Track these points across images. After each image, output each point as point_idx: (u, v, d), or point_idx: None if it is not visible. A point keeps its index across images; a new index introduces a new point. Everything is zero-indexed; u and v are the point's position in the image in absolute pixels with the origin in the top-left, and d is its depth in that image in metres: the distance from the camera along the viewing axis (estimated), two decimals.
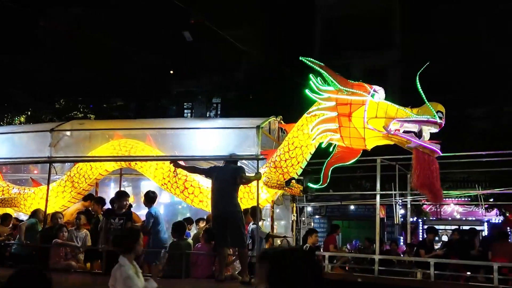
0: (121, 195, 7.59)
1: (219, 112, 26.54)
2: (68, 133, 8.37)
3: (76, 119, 18.94)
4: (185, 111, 27.23)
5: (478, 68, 18.11)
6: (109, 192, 10.41)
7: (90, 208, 8.96)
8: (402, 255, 13.70)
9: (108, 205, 8.93)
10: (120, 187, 10.03)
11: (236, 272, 7.03)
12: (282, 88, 21.34)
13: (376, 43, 23.78)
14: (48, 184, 8.08)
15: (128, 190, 10.05)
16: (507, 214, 17.42)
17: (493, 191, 14.55)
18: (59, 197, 8.81)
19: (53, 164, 8.19)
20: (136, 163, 8.42)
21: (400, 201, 17.11)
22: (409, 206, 14.83)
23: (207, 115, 25.84)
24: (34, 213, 8.41)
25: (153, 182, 9.05)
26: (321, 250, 13.06)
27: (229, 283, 6.59)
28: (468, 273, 10.67)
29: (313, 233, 12.18)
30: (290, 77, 17.00)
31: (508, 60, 18.44)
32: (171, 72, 22.76)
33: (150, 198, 7.60)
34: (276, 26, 25.23)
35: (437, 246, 13.76)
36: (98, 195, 9.52)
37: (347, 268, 12.02)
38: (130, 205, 8.20)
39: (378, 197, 12.20)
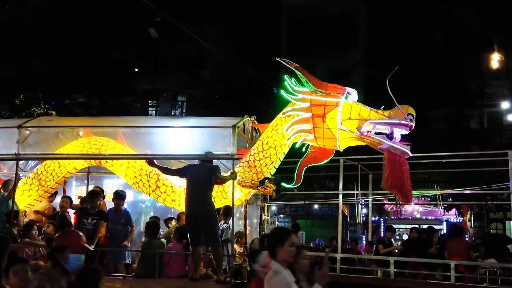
0: (95, 195, 7.50)
1: (184, 111, 26.37)
2: (35, 129, 8.13)
3: (37, 116, 18.44)
4: (150, 109, 26.91)
5: (439, 71, 18.65)
6: (71, 190, 10.22)
7: (60, 205, 8.80)
8: (363, 254, 14.02)
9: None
10: (87, 186, 9.85)
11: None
12: (248, 88, 21.41)
13: (341, 44, 24.20)
14: (15, 182, 7.84)
15: (91, 188, 9.91)
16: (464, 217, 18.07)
17: (450, 191, 14.99)
18: (25, 196, 8.55)
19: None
20: (106, 161, 8.27)
21: (363, 200, 17.51)
22: (370, 205, 15.17)
23: (173, 113, 25.63)
24: (4, 185, 8.29)
25: (116, 181, 8.93)
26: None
27: (204, 282, 6.59)
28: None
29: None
30: (256, 76, 17.06)
31: (468, 63, 19.13)
32: (136, 69, 22.42)
33: (122, 197, 7.63)
34: (242, 25, 25.26)
35: (397, 244, 14.15)
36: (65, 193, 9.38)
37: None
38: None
39: (340, 196, 12.43)
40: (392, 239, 12.94)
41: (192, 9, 23.84)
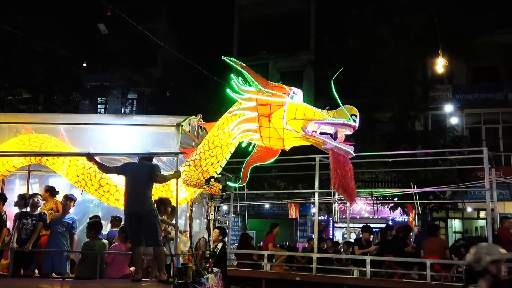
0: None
1: (134, 109, 25.95)
2: None
3: None
4: (99, 106, 26.33)
5: (386, 73, 19.08)
6: (14, 189, 9.84)
7: None
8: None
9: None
10: (28, 184, 9.49)
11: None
12: (199, 86, 21.33)
13: (293, 44, 24.48)
14: None
15: (36, 187, 9.58)
16: (410, 214, 18.55)
17: (427, 190, 15.12)
18: None
19: None
20: (47, 159, 7.98)
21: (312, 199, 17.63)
22: (348, 204, 15.12)
23: (122, 111, 25.17)
24: None
25: (62, 179, 8.66)
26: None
27: (146, 283, 6.47)
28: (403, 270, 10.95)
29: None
30: (207, 75, 17.00)
31: (414, 67, 19.68)
32: (84, 65, 21.84)
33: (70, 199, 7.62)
34: (194, 24, 25.12)
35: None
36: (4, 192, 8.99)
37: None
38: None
39: (316, 195, 12.39)
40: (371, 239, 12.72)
41: (143, 6, 23.53)
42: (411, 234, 13.25)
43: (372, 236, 13.13)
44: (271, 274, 11.82)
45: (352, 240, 13.46)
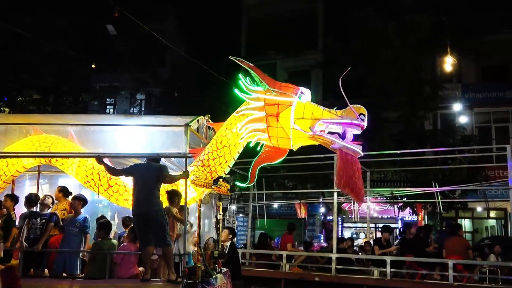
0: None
1: (143, 109, 26.05)
2: None
3: None
4: (108, 107, 26.44)
5: (393, 72, 18.99)
6: (24, 190, 9.89)
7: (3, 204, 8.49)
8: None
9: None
10: (38, 185, 9.56)
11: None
12: (207, 86, 21.36)
13: (301, 44, 24.45)
14: None
15: (46, 187, 9.64)
16: (420, 214, 18.47)
17: (449, 188, 14.96)
18: None
19: None
20: (56, 160, 8.03)
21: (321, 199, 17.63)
22: (369, 204, 15.00)
23: (131, 112, 25.27)
24: None
25: (72, 180, 8.71)
26: None
27: (155, 283, 6.50)
28: (424, 271, 10.80)
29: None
30: (215, 75, 17.03)
31: (423, 66, 19.58)
32: (93, 66, 21.96)
33: (82, 200, 7.64)
34: (202, 24, 25.17)
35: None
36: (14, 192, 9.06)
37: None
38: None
39: (335, 195, 12.32)
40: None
41: (151, 6, 23.60)
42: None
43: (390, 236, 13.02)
44: (290, 274, 11.81)
45: (372, 241, 13.33)
